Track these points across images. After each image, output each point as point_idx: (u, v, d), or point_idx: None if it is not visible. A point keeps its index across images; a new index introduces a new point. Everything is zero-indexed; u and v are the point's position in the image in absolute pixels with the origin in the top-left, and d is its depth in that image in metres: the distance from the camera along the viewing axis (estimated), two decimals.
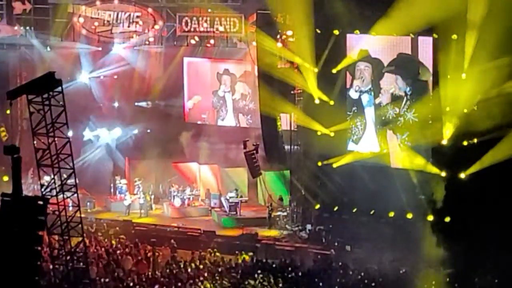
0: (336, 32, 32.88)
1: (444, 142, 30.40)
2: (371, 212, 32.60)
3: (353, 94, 33.45)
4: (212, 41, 40.50)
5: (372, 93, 33.08)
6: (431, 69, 31.35)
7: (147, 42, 41.16)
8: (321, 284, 26.74)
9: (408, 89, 32.02)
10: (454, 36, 29.38)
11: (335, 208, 33.92)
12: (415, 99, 31.85)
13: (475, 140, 29.74)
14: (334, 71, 33.28)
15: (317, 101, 33.76)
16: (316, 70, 33.53)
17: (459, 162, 30.21)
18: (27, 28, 40.79)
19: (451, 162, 30.40)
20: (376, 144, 33.26)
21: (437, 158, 30.96)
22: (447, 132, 30.19)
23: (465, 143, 30.03)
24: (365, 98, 33.31)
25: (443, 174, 30.78)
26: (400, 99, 32.38)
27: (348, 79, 33.50)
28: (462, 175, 30.11)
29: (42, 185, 22.76)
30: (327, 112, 33.66)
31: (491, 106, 28.46)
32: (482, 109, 28.95)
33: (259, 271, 28.04)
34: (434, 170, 31.01)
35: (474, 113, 29.43)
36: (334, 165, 33.74)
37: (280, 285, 26.30)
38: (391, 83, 32.48)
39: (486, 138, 28.90)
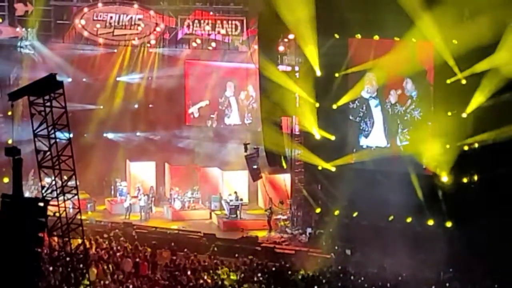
0: (337, 35, 32.82)
1: (447, 146, 30.40)
2: (371, 217, 32.54)
3: (365, 94, 33.43)
4: (213, 44, 40.41)
5: (379, 97, 33.09)
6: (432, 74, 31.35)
7: (148, 45, 41.09)
8: None
9: (414, 93, 32.00)
10: (454, 41, 29.31)
11: (336, 212, 33.87)
12: (419, 102, 31.86)
13: (476, 146, 29.80)
14: (337, 75, 33.27)
15: (317, 105, 33.80)
16: (319, 74, 33.48)
17: (460, 167, 30.23)
18: (29, 29, 40.83)
19: (452, 167, 30.41)
20: (384, 139, 33.27)
21: (439, 163, 30.96)
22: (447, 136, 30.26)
23: (466, 148, 30.07)
24: (372, 101, 33.29)
25: (445, 178, 30.74)
26: (406, 100, 32.36)
27: (351, 83, 33.43)
28: (464, 180, 30.17)
29: (43, 187, 22.74)
30: (328, 117, 33.65)
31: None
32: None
33: (259, 274, 28.03)
34: (435, 174, 31.00)
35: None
36: (332, 168, 33.72)
37: None
38: (399, 86, 32.47)
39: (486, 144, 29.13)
